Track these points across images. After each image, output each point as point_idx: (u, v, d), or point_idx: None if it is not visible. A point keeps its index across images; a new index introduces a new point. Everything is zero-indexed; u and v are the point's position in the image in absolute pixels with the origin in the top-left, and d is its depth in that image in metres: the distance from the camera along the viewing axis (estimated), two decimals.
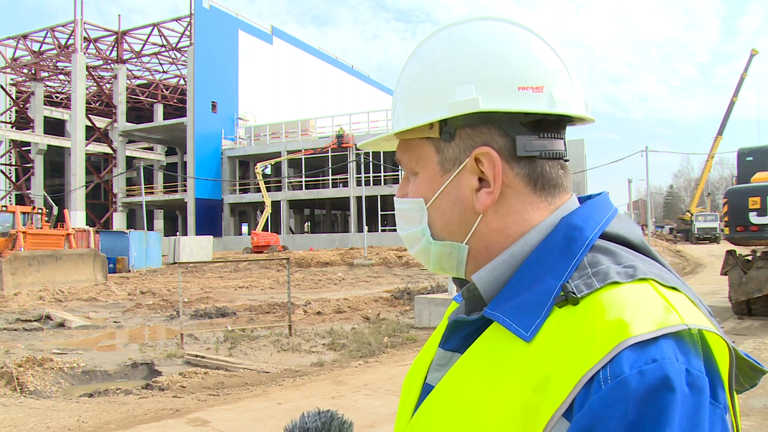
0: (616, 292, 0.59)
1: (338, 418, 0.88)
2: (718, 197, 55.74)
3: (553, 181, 0.71)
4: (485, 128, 0.69)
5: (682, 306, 0.58)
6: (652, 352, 0.53)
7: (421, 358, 0.81)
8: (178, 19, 44.42)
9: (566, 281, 0.62)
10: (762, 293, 9.64)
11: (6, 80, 48.59)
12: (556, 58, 0.70)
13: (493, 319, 0.65)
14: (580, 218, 0.68)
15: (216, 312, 12.43)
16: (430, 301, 10.33)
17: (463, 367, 0.66)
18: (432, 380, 0.73)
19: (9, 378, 6.66)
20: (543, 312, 0.61)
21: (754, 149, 11.97)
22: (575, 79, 0.72)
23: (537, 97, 0.68)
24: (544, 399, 0.56)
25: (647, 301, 0.58)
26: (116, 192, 46.22)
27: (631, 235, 0.69)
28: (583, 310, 0.59)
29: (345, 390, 6.20)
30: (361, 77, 64.59)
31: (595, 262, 0.63)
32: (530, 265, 0.67)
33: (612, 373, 0.53)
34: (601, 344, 0.55)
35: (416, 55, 0.75)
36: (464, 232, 0.72)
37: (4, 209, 21.55)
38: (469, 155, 0.69)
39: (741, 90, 40.44)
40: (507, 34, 0.70)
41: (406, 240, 0.78)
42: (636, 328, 0.54)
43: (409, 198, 0.76)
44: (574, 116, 0.71)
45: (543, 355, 0.58)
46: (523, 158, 0.69)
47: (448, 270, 0.75)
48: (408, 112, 0.73)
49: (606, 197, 0.74)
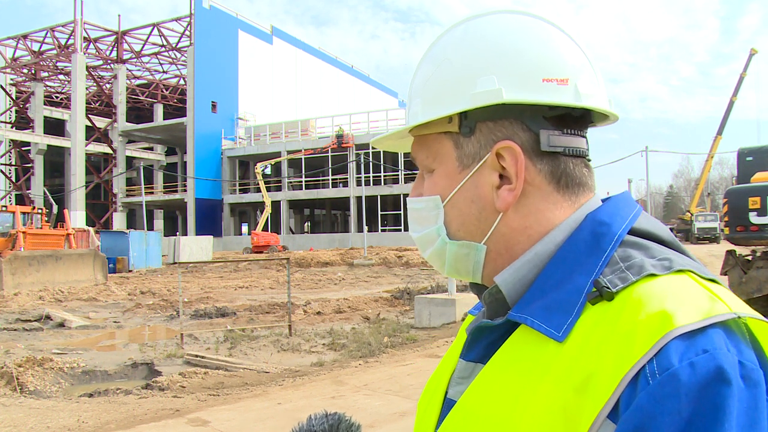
0: (655, 284, 0.56)
1: (346, 421, 0.85)
2: (718, 197, 55.74)
3: (577, 180, 0.67)
4: (507, 122, 0.66)
5: (726, 295, 0.55)
6: (702, 343, 0.50)
7: (440, 372, 0.75)
8: (178, 19, 44.44)
9: (598, 277, 0.58)
10: (762, 293, 9.62)
11: (6, 80, 48.60)
12: (579, 51, 0.68)
13: (521, 322, 0.61)
14: (606, 214, 0.65)
15: (216, 312, 12.43)
16: (430, 301, 10.34)
17: (490, 376, 0.61)
18: (454, 394, 0.68)
19: (9, 378, 6.66)
20: (575, 310, 0.57)
21: (754, 149, 11.97)
22: (598, 73, 0.69)
23: (562, 90, 0.64)
24: (585, 400, 0.52)
25: (690, 291, 0.55)
26: (116, 192, 46.24)
27: (659, 231, 0.65)
28: (620, 304, 0.55)
29: (345, 390, 6.20)
30: (361, 77, 64.60)
31: (628, 256, 0.60)
32: (556, 263, 0.63)
33: (660, 367, 0.49)
34: (644, 337, 0.51)
35: (433, 50, 0.72)
36: (483, 232, 0.68)
37: (4, 209, 21.55)
38: (490, 150, 0.66)
39: (740, 90, 40.45)
40: (528, 27, 0.67)
41: (420, 242, 0.73)
42: (682, 318, 0.51)
43: (424, 197, 0.72)
44: (597, 111, 0.69)
45: (580, 355, 0.54)
46: (546, 154, 0.65)
47: (463, 273, 0.71)
48: (426, 105, 0.69)
49: (629, 195, 0.70)
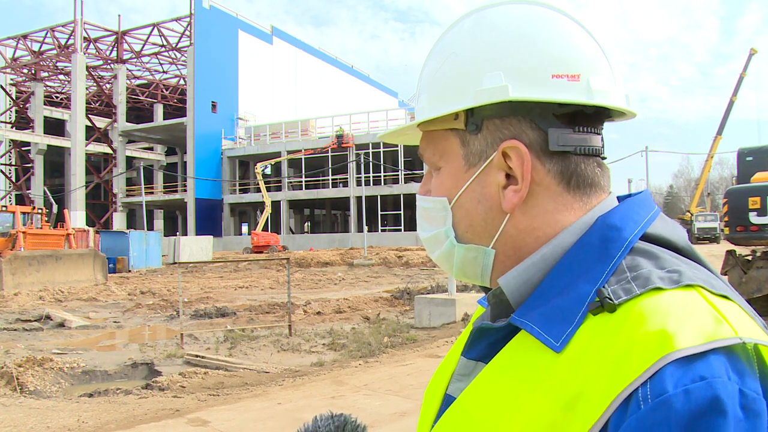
0: (659, 299, 0.53)
1: (352, 422, 0.84)
2: (718, 197, 55.75)
3: (589, 180, 0.64)
4: (515, 120, 0.63)
5: (734, 316, 0.52)
6: (701, 369, 0.47)
7: (444, 367, 0.75)
8: (178, 19, 44.45)
9: (602, 286, 0.56)
10: (762, 293, 9.63)
11: (6, 80, 48.62)
12: (594, 44, 0.64)
13: (521, 327, 0.59)
14: (618, 218, 0.62)
15: (216, 312, 12.43)
16: (430, 301, 10.33)
17: (487, 378, 0.60)
18: (453, 391, 0.68)
19: (9, 378, 6.66)
20: (575, 320, 0.55)
21: (754, 149, 11.99)
22: (616, 69, 0.66)
23: (573, 86, 0.62)
24: (573, 419, 0.50)
25: (695, 310, 0.51)
26: (116, 192, 46.26)
27: (675, 238, 0.62)
28: (621, 318, 0.53)
29: (345, 390, 6.20)
30: (361, 77, 64.60)
31: (636, 265, 0.57)
32: (563, 268, 0.61)
33: (653, 392, 0.47)
34: (641, 358, 0.48)
35: (440, 44, 0.70)
36: (490, 234, 0.66)
37: (4, 209, 21.55)
38: (496, 149, 0.64)
39: (740, 89, 40.44)
40: (539, 18, 0.64)
41: (428, 242, 0.72)
42: (682, 341, 0.48)
43: (431, 196, 0.70)
44: (613, 108, 0.65)
45: (574, 369, 0.52)
46: (555, 154, 0.63)
47: (471, 277, 0.70)
48: (432, 101, 0.68)
49: (648, 195, 0.67)
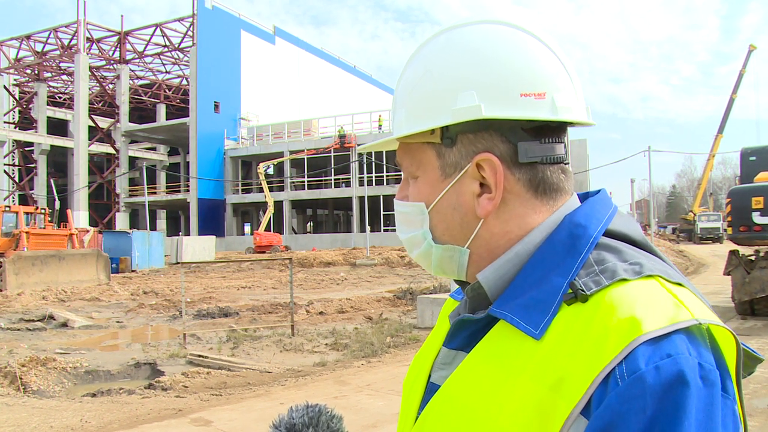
0: (626, 289, 0.60)
1: (326, 413, 0.87)
2: (721, 197, 55.67)
3: (555, 186, 0.70)
4: (487, 134, 0.69)
5: (689, 301, 0.60)
6: (666, 348, 0.55)
7: (422, 356, 0.80)
8: (181, 20, 44.48)
9: (573, 279, 0.63)
10: (765, 293, 9.60)
11: (9, 81, 48.73)
12: (557, 61, 0.70)
13: (501, 317, 0.65)
14: (583, 216, 0.69)
15: (219, 312, 12.44)
16: (433, 301, 10.33)
17: (472, 365, 0.66)
18: (437, 379, 0.73)
19: (12, 378, 6.68)
20: (551, 309, 0.62)
21: (758, 149, 11.96)
22: (576, 83, 0.72)
23: (539, 104, 0.67)
24: (560, 397, 0.57)
25: (657, 297, 0.59)
26: (119, 192, 46.33)
27: (632, 233, 0.70)
28: (594, 307, 0.60)
29: (348, 390, 6.21)
30: (364, 77, 64.60)
31: (602, 259, 0.64)
32: (535, 263, 0.67)
33: (628, 370, 0.54)
34: (615, 341, 0.56)
35: (416, 58, 0.74)
36: (465, 237, 0.72)
37: (7, 209, 21.57)
38: (471, 161, 0.69)
39: (740, 87, 40.39)
40: (507, 38, 0.69)
41: (407, 243, 0.77)
42: (649, 325, 0.56)
43: (409, 201, 0.75)
44: (575, 123, 0.72)
45: (555, 353, 0.59)
46: (524, 164, 0.69)
47: (449, 273, 0.75)
48: (409, 117, 0.72)
49: (605, 195, 0.74)
